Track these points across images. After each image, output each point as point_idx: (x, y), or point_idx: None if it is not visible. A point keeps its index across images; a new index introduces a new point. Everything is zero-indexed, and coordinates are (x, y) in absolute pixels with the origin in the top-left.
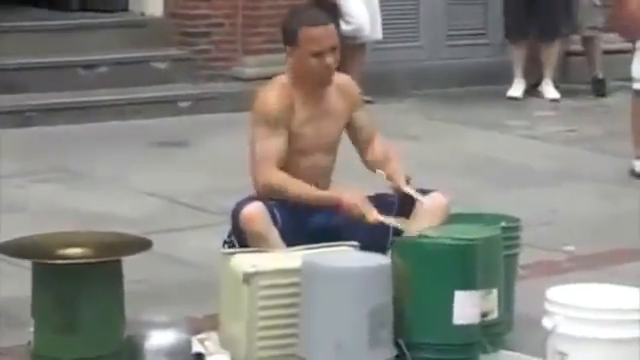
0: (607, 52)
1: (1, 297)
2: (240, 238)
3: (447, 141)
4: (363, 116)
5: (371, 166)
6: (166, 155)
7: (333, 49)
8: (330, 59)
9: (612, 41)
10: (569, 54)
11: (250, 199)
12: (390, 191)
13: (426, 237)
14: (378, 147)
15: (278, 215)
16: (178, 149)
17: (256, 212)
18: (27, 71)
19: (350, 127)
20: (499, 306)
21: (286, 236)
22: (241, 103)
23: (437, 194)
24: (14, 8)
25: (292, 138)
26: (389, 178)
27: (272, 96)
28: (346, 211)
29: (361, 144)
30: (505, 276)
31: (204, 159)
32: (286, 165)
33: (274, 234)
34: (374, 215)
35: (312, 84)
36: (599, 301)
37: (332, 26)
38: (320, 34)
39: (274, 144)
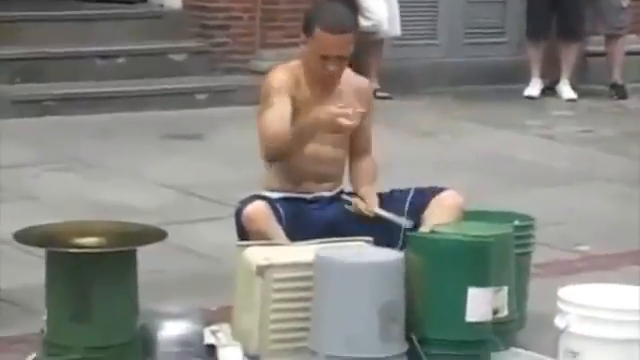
0: (626, 53)
1: (15, 285)
2: (244, 237)
3: (463, 139)
4: (368, 126)
5: (351, 178)
6: (182, 147)
7: (341, 58)
8: (333, 67)
9: (631, 42)
10: (588, 55)
11: (253, 197)
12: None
13: (440, 233)
14: (365, 164)
15: (282, 212)
16: (194, 141)
17: (259, 210)
18: (45, 61)
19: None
20: (509, 304)
21: (291, 233)
22: (258, 96)
23: (451, 192)
24: None
25: (299, 117)
26: (360, 202)
27: (277, 71)
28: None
29: (353, 151)
30: (518, 275)
31: (220, 151)
32: None
33: (278, 232)
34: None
35: (315, 79)
36: (612, 301)
37: (349, 35)
38: (332, 42)
39: (280, 109)
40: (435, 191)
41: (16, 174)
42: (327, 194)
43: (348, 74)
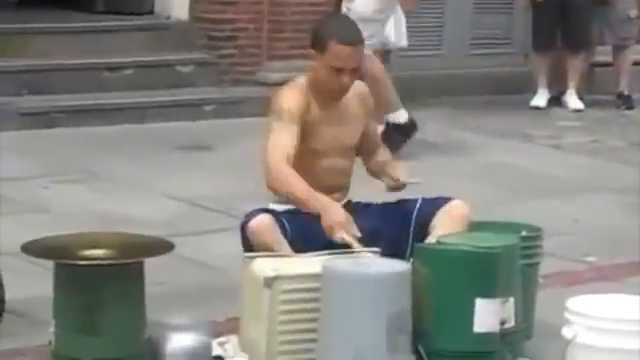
0: (633, 64)
1: (23, 297)
2: (250, 250)
3: (469, 150)
4: (373, 127)
5: (373, 173)
6: (190, 159)
7: (354, 70)
8: (347, 79)
9: (638, 52)
10: (595, 65)
11: (259, 210)
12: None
13: (447, 244)
14: (380, 157)
15: (287, 226)
16: (202, 153)
17: (264, 224)
18: (52, 73)
19: (361, 135)
20: (515, 314)
21: (296, 246)
22: (265, 108)
23: (458, 202)
24: (40, 10)
25: (308, 137)
26: (391, 179)
27: (287, 93)
28: (325, 228)
29: (365, 153)
30: (526, 285)
31: (227, 163)
32: (303, 164)
33: (284, 245)
34: (349, 237)
35: (326, 92)
36: (619, 311)
37: (361, 47)
38: (347, 54)
39: (286, 137)
40: (442, 201)
41: (24, 186)
42: None
43: None
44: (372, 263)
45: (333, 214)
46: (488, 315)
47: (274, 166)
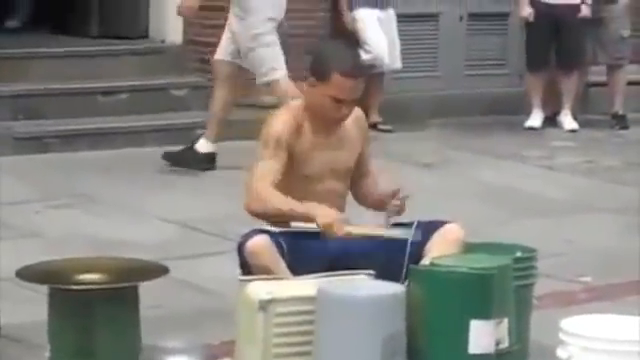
0: (627, 83)
1: (18, 322)
2: (247, 271)
3: (465, 170)
4: (367, 154)
5: (360, 199)
6: (183, 182)
7: (354, 101)
8: (347, 110)
9: (632, 72)
10: (589, 85)
11: (256, 231)
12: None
13: (442, 266)
14: (371, 182)
15: (284, 245)
16: (195, 176)
17: (261, 244)
18: (46, 97)
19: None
20: (509, 335)
21: (293, 266)
22: (258, 131)
23: (453, 225)
24: (33, 35)
25: (302, 161)
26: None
27: (277, 120)
28: (321, 230)
29: (355, 178)
30: (520, 306)
31: (221, 186)
32: (297, 188)
33: (281, 266)
34: (345, 229)
35: (323, 120)
36: (614, 332)
37: (363, 79)
38: (350, 86)
39: (272, 165)
40: (437, 224)
41: (18, 211)
42: None
43: None
44: (366, 286)
45: (326, 213)
46: (483, 336)
47: (258, 190)
